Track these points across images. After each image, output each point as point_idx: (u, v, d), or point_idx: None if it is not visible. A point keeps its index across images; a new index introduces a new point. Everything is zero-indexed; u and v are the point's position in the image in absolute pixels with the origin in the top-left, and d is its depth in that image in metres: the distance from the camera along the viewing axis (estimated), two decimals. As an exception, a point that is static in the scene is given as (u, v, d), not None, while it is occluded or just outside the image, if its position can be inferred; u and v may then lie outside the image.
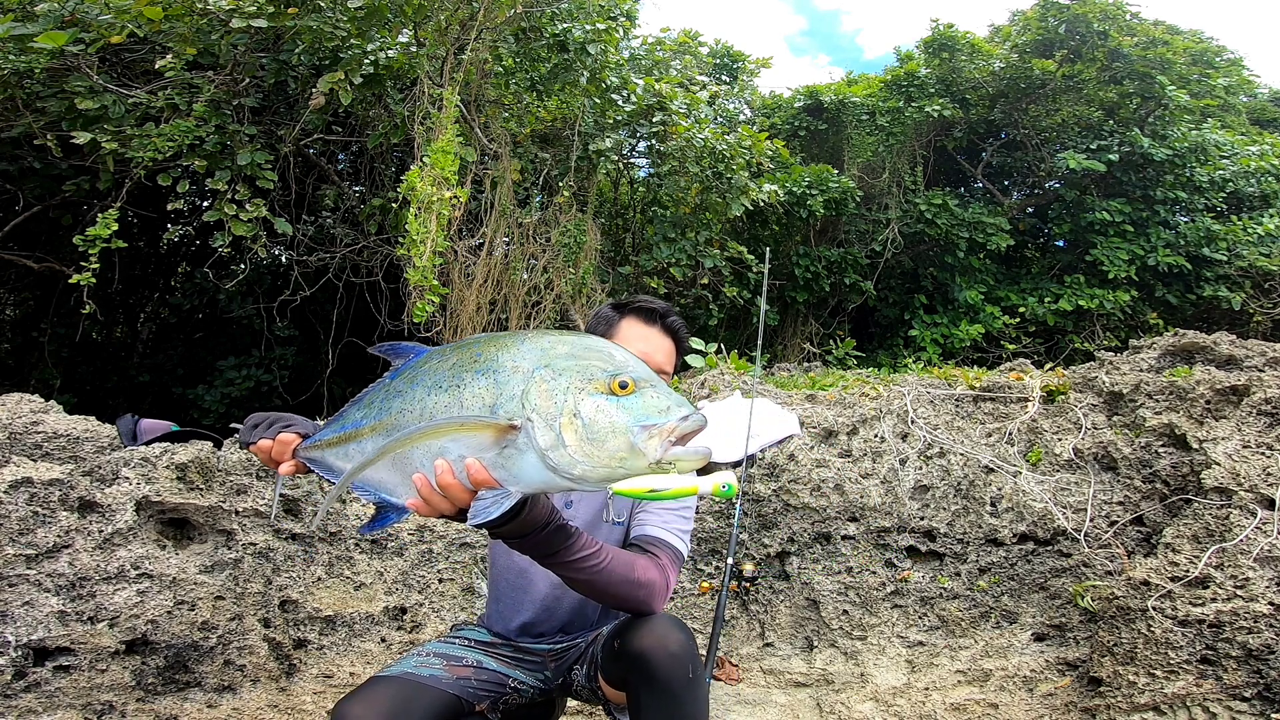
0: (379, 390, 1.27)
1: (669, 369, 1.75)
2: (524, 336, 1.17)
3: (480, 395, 1.11)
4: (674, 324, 1.75)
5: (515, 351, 1.12)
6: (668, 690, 1.39)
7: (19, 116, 4.35)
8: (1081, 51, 8.44)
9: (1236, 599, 2.25)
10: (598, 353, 1.11)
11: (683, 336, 1.79)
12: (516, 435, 1.07)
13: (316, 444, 1.34)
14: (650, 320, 1.73)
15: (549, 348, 1.12)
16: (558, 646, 1.75)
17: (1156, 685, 2.22)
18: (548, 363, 1.10)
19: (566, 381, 1.07)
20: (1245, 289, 8.47)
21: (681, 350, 1.81)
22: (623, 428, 1.04)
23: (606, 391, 1.06)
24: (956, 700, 2.52)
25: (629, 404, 1.05)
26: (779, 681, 2.68)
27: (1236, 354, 3.25)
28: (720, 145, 6.53)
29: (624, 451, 1.04)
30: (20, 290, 7.28)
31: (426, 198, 4.38)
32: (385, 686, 1.50)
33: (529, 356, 1.11)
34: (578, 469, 1.05)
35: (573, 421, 1.04)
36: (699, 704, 1.44)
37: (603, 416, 1.04)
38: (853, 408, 3.34)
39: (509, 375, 1.10)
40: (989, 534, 2.90)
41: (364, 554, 2.82)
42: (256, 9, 4.29)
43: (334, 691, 2.45)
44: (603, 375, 1.07)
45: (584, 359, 1.10)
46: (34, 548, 2.18)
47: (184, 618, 2.27)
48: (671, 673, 1.39)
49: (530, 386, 1.07)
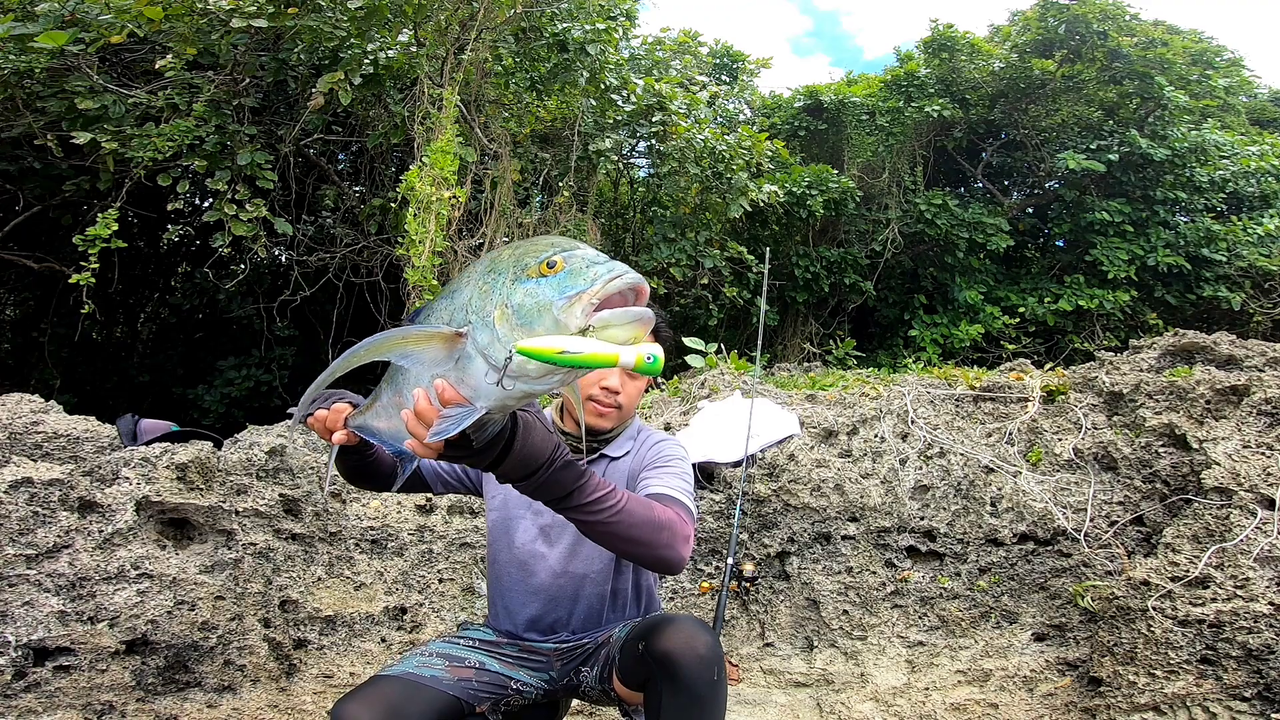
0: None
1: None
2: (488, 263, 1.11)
3: (441, 316, 1.09)
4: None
5: (471, 268, 1.10)
6: (693, 692, 1.39)
7: (19, 116, 4.35)
8: (1081, 51, 8.44)
9: (1236, 599, 2.25)
10: (535, 246, 1.05)
11: (660, 328, 1.76)
12: (464, 343, 1.03)
13: (360, 411, 1.45)
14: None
15: (496, 255, 1.08)
16: (564, 645, 1.74)
17: (1156, 685, 2.22)
18: (491, 267, 1.06)
19: (502, 278, 1.03)
20: (1245, 289, 8.48)
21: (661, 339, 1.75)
22: (547, 304, 0.97)
23: (537, 275, 1.00)
24: (956, 700, 2.52)
25: (556, 279, 0.99)
26: (779, 681, 2.68)
27: (1236, 354, 3.25)
28: (720, 145, 6.53)
29: (552, 327, 0.97)
30: (20, 290, 7.28)
31: (426, 198, 4.38)
32: (385, 686, 1.50)
33: (479, 267, 1.08)
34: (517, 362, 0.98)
35: (504, 311, 1.00)
36: (721, 706, 1.44)
37: (530, 299, 0.98)
38: (853, 408, 3.34)
39: (461, 288, 1.08)
40: (989, 534, 2.90)
41: (364, 554, 2.82)
42: (256, 9, 4.29)
43: (334, 691, 2.45)
44: (534, 261, 1.01)
45: (523, 254, 1.04)
46: (34, 548, 2.18)
47: (184, 618, 2.27)
48: (698, 675, 1.39)
49: (474, 292, 1.04)
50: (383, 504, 2.96)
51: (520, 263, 1.02)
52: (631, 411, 1.81)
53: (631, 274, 1.00)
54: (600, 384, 1.74)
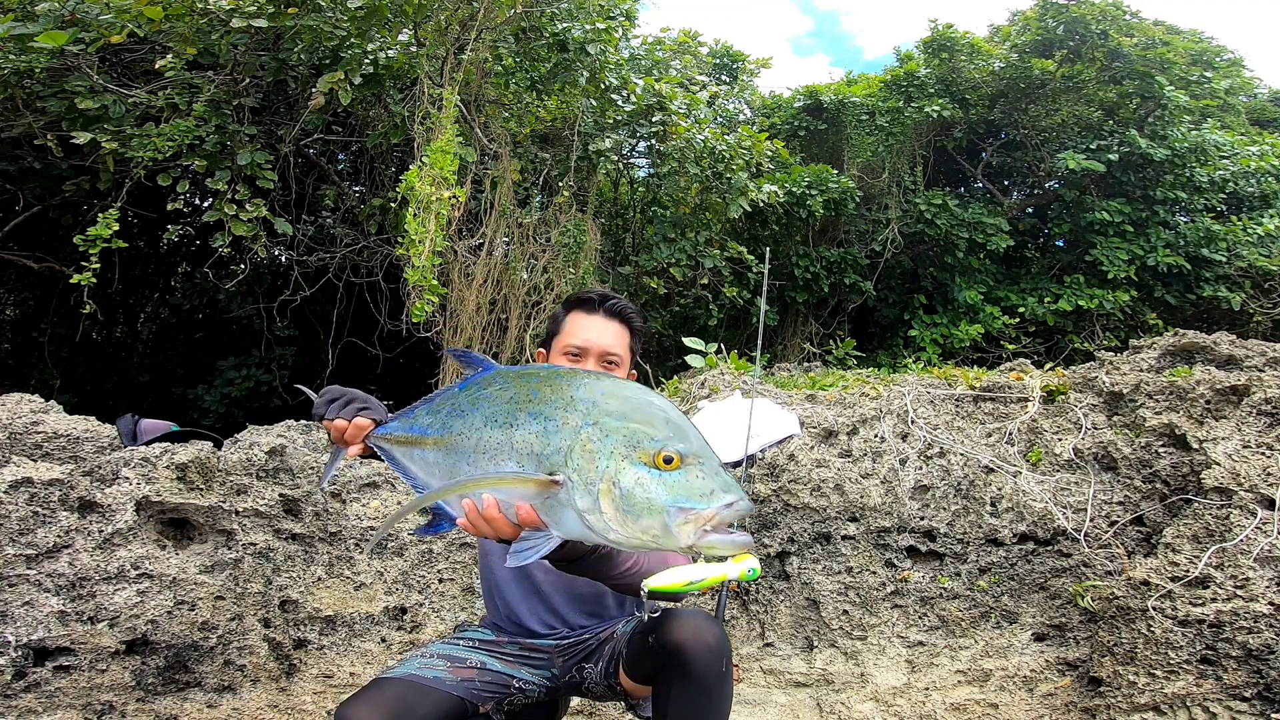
0: (447, 399, 1.34)
1: (618, 350, 1.76)
2: (580, 382, 1.16)
3: (530, 441, 1.11)
4: (614, 307, 1.78)
5: (568, 400, 1.11)
6: (702, 682, 1.42)
7: (19, 116, 4.35)
8: (1081, 52, 8.44)
9: (1236, 599, 2.25)
10: (648, 416, 1.08)
11: (630, 317, 1.80)
12: (559, 490, 1.07)
13: (387, 435, 1.43)
14: (590, 309, 1.77)
15: (601, 402, 1.10)
16: (565, 641, 1.74)
17: (1156, 685, 2.22)
18: (596, 420, 1.08)
19: (611, 445, 1.05)
20: (1245, 289, 8.48)
21: (634, 329, 1.80)
22: (660, 506, 1.01)
23: (650, 463, 1.03)
24: (956, 700, 2.52)
25: (670, 481, 1.02)
26: (779, 681, 2.68)
27: (1236, 354, 3.25)
28: (720, 145, 6.53)
29: (657, 530, 1.01)
30: (20, 290, 7.27)
31: (426, 198, 4.38)
32: (389, 688, 1.51)
33: (580, 409, 1.09)
34: (611, 535, 1.04)
35: (611, 490, 1.02)
36: (727, 698, 1.48)
37: (641, 490, 1.01)
38: (853, 408, 3.34)
39: (559, 426, 1.09)
40: (989, 534, 2.90)
41: (364, 554, 2.82)
42: (256, 9, 4.29)
43: (334, 691, 2.45)
44: (649, 444, 1.04)
45: (633, 421, 1.07)
46: (34, 548, 2.18)
47: (184, 618, 2.27)
48: (707, 665, 1.42)
49: (575, 444, 1.06)
50: (382, 504, 2.96)
51: (631, 437, 1.04)
52: None
53: (744, 502, 1.03)
54: None
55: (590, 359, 1.74)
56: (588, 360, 1.74)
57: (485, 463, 1.17)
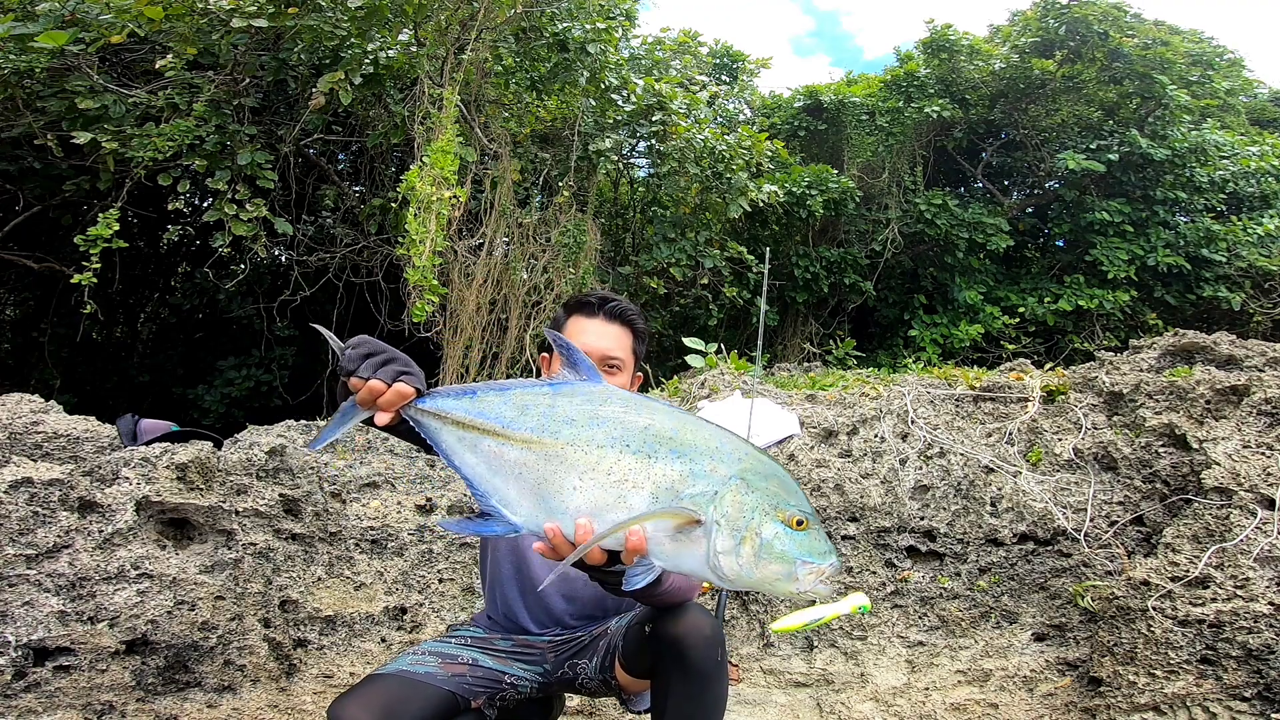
0: (534, 394, 1.27)
1: (620, 353, 1.72)
2: (717, 434, 1.27)
3: (671, 477, 1.20)
4: (615, 309, 1.74)
5: (714, 449, 1.23)
6: (700, 672, 1.46)
7: (19, 116, 4.35)
8: (1081, 52, 8.44)
9: (1236, 599, 2.25)
10: (784, 484, 1.25)
11: (631, 319, 1.76)
12: (696, 528, 1.19)
13: (439, 411, 1.29)
14: (590, 313, 1.74)
15: (743, 459, 1.24)
16: (559, 638, 1.75)
17: (1156, 685, 2.22)
18: (743, 475, 1.21)
19: (756, 501, 1.20)
20: (1245, 289, 8.48)
21: (636, 331, 1.77)
22: (790, 558, 1.19)
23: (786, 522, 1.20)
24: (956, 700, 2.52)
25: (800, 539, 1.20)
26: (779, 681, 2.68)
27: (1236, 354, 3.25)
28: (720, 145, 6.53)
29: (781, 577, 1.19)
30: (20, 290, 7.28)
31: (426, 198, 4.38)
32: (380, 684, 1.51)
33: (727, 461, 1.22)
34: (735, 574, 1.18)
35: (754, 539, 1.18)
36: (723, 687, 1.52)
37: (778, 544, 1.19)
38: (853, 408, 3.34)
39: (706, 472, 1.20)
40: (989, 534, 2.90)
41: (364, 554, 2.82)
42: (257, 9, 4.29)
43: (334, 691, 2.45)
44: (787, 508, 1.21)
45: (773, 482, 1.23)
46: (34, 548, 2.18)
47: (184, 618, 2.27)
48: (705, 655, 1.46)
49: (725, 492, 1.19)
50: (382, 504, 2.96)
51: (773, 498, 1.21)
52: None
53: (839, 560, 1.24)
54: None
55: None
56: None
57: (604, 482, 1.20)
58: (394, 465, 3.13)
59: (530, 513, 1.23)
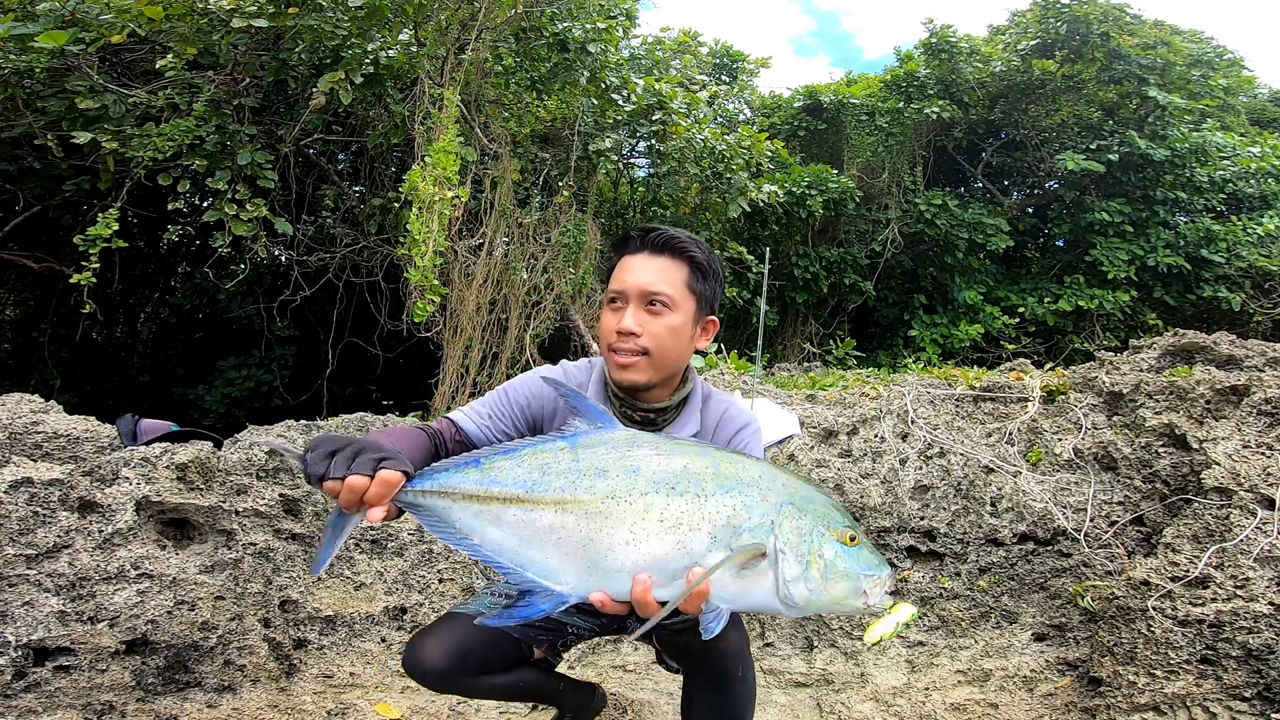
0: (555, 450, 1.18)
1: (665, 289, 1.44)
2: (753, 463, 1.25)
3: (724, 511, 1.16)
4: (659, 238, 1.47)
5: (755, 477, 1.21)
6: (728, 671, 1.46)
7: (19, 116, 4.35)
8: (1082, 52, 8.44)
9: (1236, 599, 2.25)
10: (826, 502, 1.25)
11: (683, 247, 1.48)
12: (761, 561, 1.16)
13: (445, 490, 1.17)
14: (634, 248, 1.49)
15: (787, 484, 1.23)
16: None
17: (1156, 685, 2.22)
18: (792, 500, 1.20)
19: (811, 523, 1.20)
20: (1245, 289, 8.48)
21: (692, 262, 1.48)
22: (853, 574, 1.20)
23: (841, 540, 1.20)
24: (956, 700, 2.52)
25: (857, 555, 1.21)
26: (779, 681, 2.68)
27: (1236, 354, 3.25)
28: (720, 145, 6.53)
29: (849, 594, 1.20)
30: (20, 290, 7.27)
31: (428, 198, 4.38)
32: (457, 626, 1.55)
33: (774, 489, 1.21)
34: (806, 599, 1.18)
35: (818, 561, 1.18)
36: (746, 702, 1.51)
37: (840, 562, 1.19)
38: (853, 408, 3.34)
39: (758, 503, 1.18)
40: (989, 534, 2.90)
41: (364, 554, 2.82)
42: (257, 9, 4.29)
43: (334, 691, 2.45)
44: (838, 525, 1.21)
45: (819, 503, 1.23)
46: (34, 548, 2.18)
47: (184, 618, 2.27)
48: (725, 670, 1.46)
49: (781, 520, 1.18)
50: (383, 504, 2.96)
51: (825, 518, 1.21)
52: (670, 356, 1.46)
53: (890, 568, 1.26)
54: (615, 330, 1.45)
55: (631, 302, 1.44)
56: (628, 304, 1.44)
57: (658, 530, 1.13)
58: (394, 465, 3.13)
59: (578, 578, 1.14)
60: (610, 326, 1.46)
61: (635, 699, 2.45)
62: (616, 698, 2.40)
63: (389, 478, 1.10)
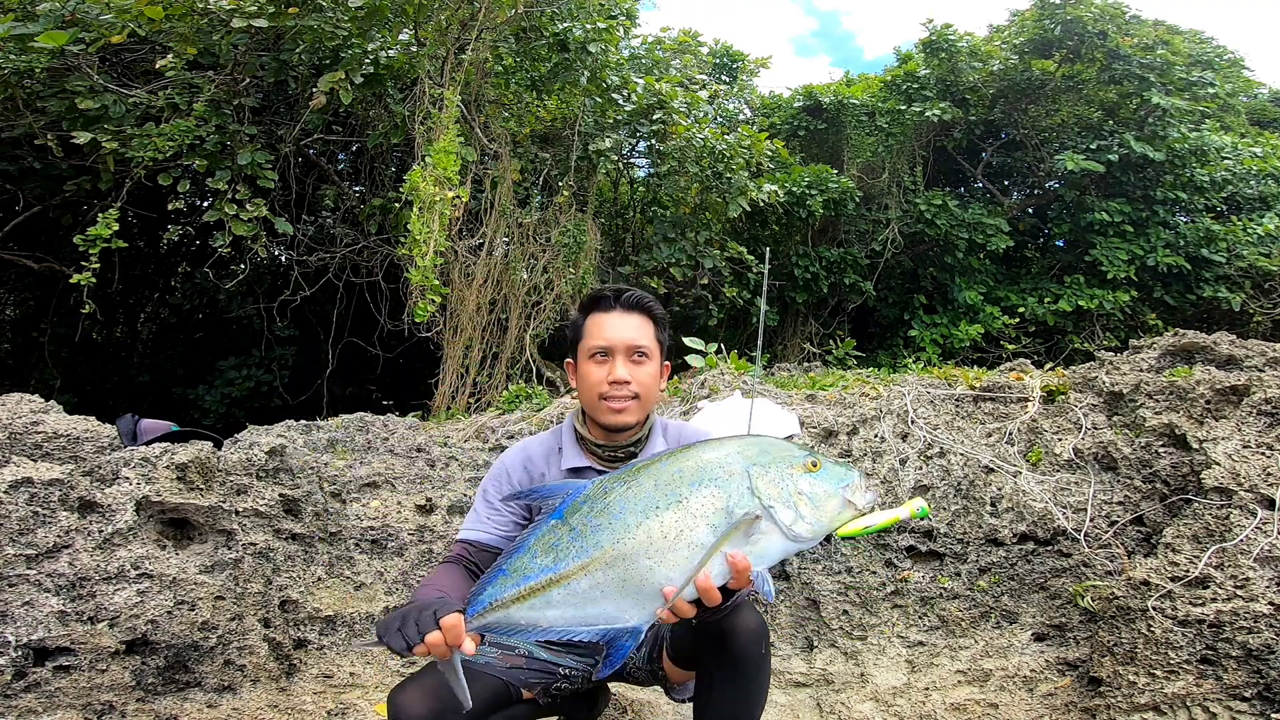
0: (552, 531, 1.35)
1: (644, 342, 1.71)
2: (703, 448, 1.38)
3: (709, 501, 1.31)
4: (630, 299, 1.73)
5: (713, 460, 1.35)
6: (743, 663, 1.51)
7: (19, 116, 4.35)
8: (1081, 52, 8.44)
9: (1236, 599, 2.25)
10: (777, 446, 1.38)
11: (649, 307, 1.75)
12: (760, 522, 1.31)
13: (493, 605, 1.34)
14: (607, 306, 1.74)
15: (743, 450, 1.36)
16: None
17: (1156, 685, 2.22)
18: (753, 461, 1.34)
19: (777, 472, 1.33)
20: (1245, 289, 8.48)
21: (655, 318, 1.76)
22: (834, 492, 1.33)
23: (806, 470, 1.34)
24: (956, 700, 2.52)
25: (825, 474, 1.35)
26: (779, 681, 2.68)
27: (1236, 354, 3.25)
28: (720, 145, 6.53)
29: (840, 508, 1.33)
30: (20, 290, 7.28)
31: (428, 198, 4.38)
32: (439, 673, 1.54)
33: (732, 460, 1.35)
34: (812, 531, 1.31)
35: (801, 497, 1.32)
36: (765, 680, 1.57)
37: (817, 488, 1.33)
38: (853, 408, 3.34)
39: (727, 479, 1.32)
40: (989, 534, 2.90)
41: (364, 554, 2.82)
42: (257, 9, 4.29)
43: (334, 691, 2.45)
44: (797, 460, 1.35)
45: (774, 449, 1.37)
46: (34, 548, 2.18)
47: (184, 618, 2.27)
48: (748, 648, 1.51)
49: (754, 482, 1.32)
50: (382, 504, 2.96)
51: (784, 460, 1.34)
52: (651, 397, 1.74)
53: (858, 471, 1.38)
54: (607, 380, 1.68)
55: (618, 356, 1.69)
56: (616, 358, 1.68)
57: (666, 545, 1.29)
58: (394, 465, 3.13)
59: (636, 609, 1.32)
60: (600, 378, 1.69)
61: (635, 699, 2.45)
62: (617, 698, 2.40)
63: (450, 622, 1.29)
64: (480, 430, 3.54)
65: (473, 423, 3.68)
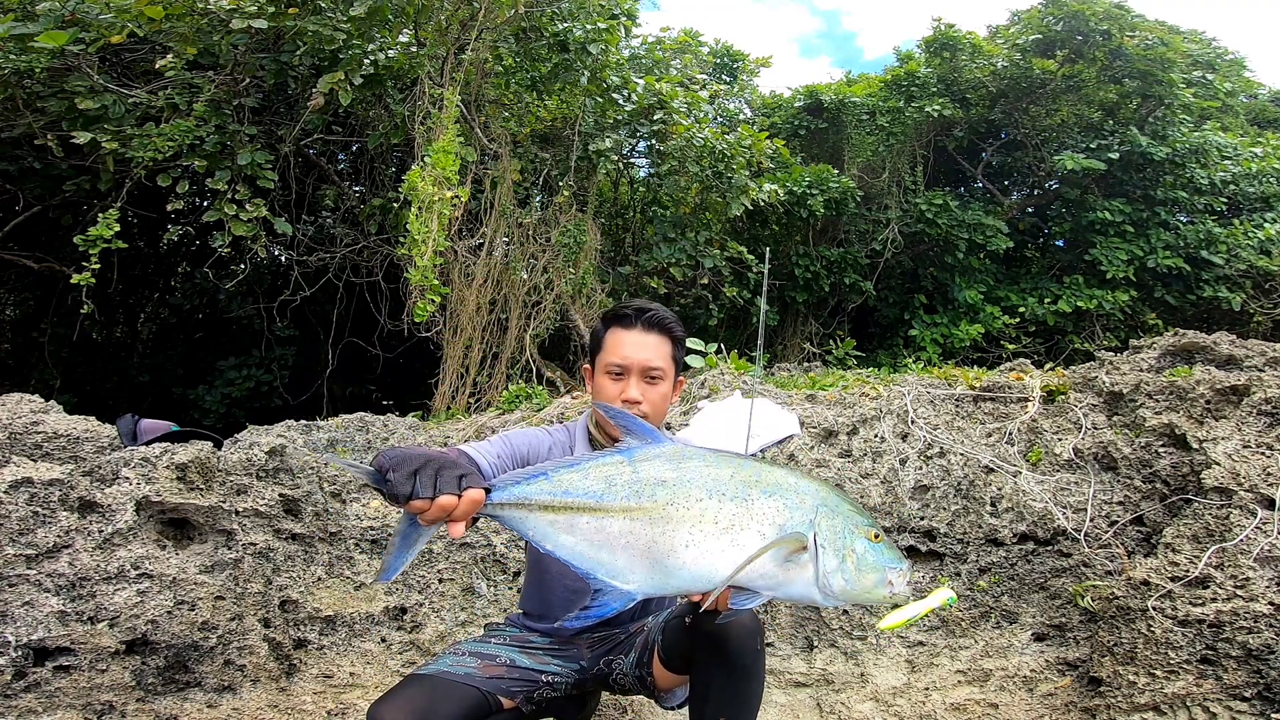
0: (616, 465, 1.34)
1: (660, 362, 1.75)
2: (787, 472, 1.42)
3: (769, 513, 1.33)
4: (653, 318, 1.77)
5: (792, 483, 1.38)
6: (739, 660, 1.52)
7: (19, 116, 4.35)
8: (1082, 51, 8.43)
9: (1236, 599, 2.25)
10: (853, 505, 1.42)
11: (669, 327, 1.79)
12: (803, 554, 1.33)
13: (521, 501, 1.30)
14: (628, 324, 1.78)
15: (819, 489, 1.40)
16: (596, 635, 1.80)
17: (1156, 685, 2.22)
18: (825, 502, 1.37)
19: (843, 522, 1.36)
20: (1245, 289, 8.47)
21: (674, 339, 1.81)
22: (880, 567, 1.36)
23: (868, 537, 1.37)
24: (956, 700, 2.52)
25: (882, 550, 1.37)
26: (779, 681, 2.68)
27: (1236, 354, 3.25)
28: (720, 145, 6.52)
29: (877, 584, 1.35)
30: (20, 290, 7.27)
31: (428, 198, 4.38)
32: (417, 686, 1.56)
33: (808, 493, 1.37)
34: (843, 589, 1.33)
35: (852, 555, 1.34)
36: (761, 677, 1.58)
37: (870, 556, 1.35)
38: (853, 408, 3.34)
39: (797, 503, 1.35)
40: (989, 534, 2.90)
41: (364, 554, 2.82)
42: (257, 9, 4.29)
43: (334, 691, 2.45)
44: (865, 525, 1.37)
45: (846, 505, 1.40)
46: (34, 548, 2.18)
47: (184, 618, 2.27)
48: (744, 645, 1.52)
49: (819, 518, 1.35)
50: (382, 504, 2.96)
51: (852, 517, 1.37)
52: (660, 415, 1.79)
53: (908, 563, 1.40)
54: (620, 399, 1.73)
55: (632, 375, 1.74)
56: (630, 376, 1.73)
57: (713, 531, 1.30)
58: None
59: (644, 577, 1.30)
60: (613, 395, 1.74)
61: (635, 698, 2.45)
62: (617, 697, 2.40)
63: (475, 496, 1.22)
64: (480, 430, 3.54)
65: (473, 423, 3.68)
